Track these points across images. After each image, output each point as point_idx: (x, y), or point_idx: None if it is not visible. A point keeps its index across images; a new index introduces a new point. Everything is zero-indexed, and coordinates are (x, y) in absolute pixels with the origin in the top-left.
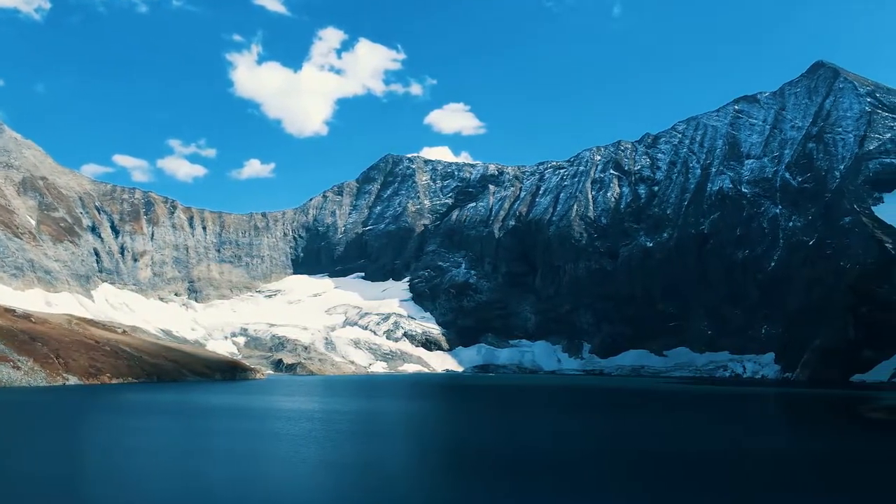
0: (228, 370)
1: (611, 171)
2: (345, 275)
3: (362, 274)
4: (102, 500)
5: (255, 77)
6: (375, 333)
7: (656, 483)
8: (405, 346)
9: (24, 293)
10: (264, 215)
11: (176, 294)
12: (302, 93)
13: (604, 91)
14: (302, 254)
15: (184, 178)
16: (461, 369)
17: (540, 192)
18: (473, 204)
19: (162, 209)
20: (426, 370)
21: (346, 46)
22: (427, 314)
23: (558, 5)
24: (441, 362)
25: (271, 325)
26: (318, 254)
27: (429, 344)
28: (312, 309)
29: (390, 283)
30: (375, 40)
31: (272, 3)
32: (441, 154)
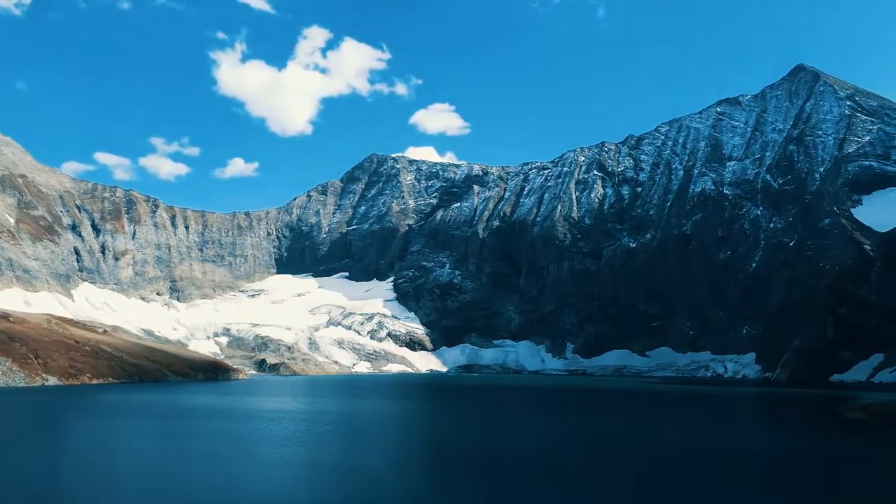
0: (211, 370)
1: (594, 172)
2: (329, 275)
3: (346, 274)
4: None
5: (239, 75)
6: (359, 333)
7: (640, 483)
8: (389, 347)
9: (3, 292)
10: (247, 214)
11: (158, 294)
12: (286, 91)
13: (588, 92)
14: (285, 253)
15: (166, 177)
16: (445, 369)
17: (524, 193)
18: (458, 204)
19: (144, 208)
20: (410, 370)
21: (331, 45)
22: (411, 314)
23: (544, 6)
24: (425, 362)
25: (254, 325)
26: (302, 253)
27: (413, 344)
28: (296, 309)
29: (374, 283)
30: (361, 40)
31: (257, 2)
32: (426, 154)
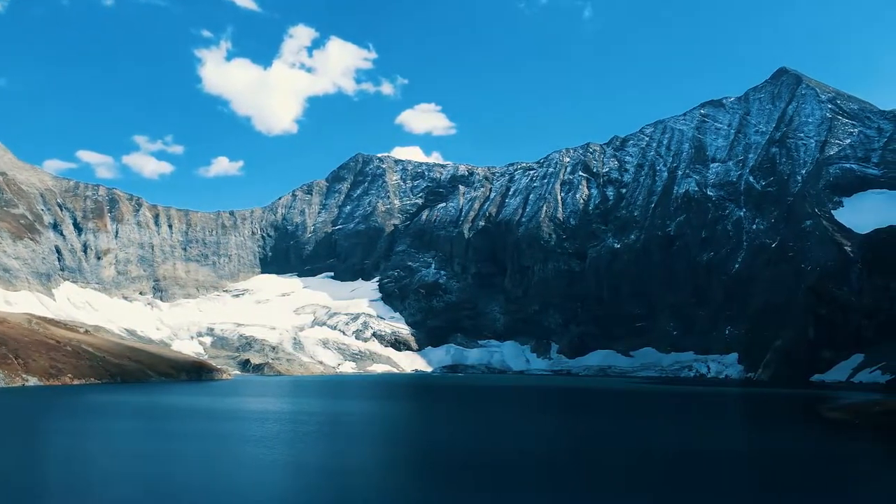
0: (194, 371)
1: (580, 173)
2: (314, 274)
3: (331, 273)
4: None
5: (225, 73)
6: (344, 333)
7: (625, 483)
8: (374, 347)
9: None
10: (232, 214)
11: (141, 293)
12: (272, 90)
13: (573, 93)
14: (270, 253)
15: (150, 175)
16: (430, 369)
17: (510, 193)
18: (443, 204)
19: (127, 206)
20: (395, 370)
21: (317, 44)
22: (396, 314)
23: (530, 7)
24: (410, 362)
25: (238, 325)
26: (287, 253)
27: (398, 344)
28: (280, 309)
29: (359, 283)
30: (347, 39)
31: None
32: (412, 154)
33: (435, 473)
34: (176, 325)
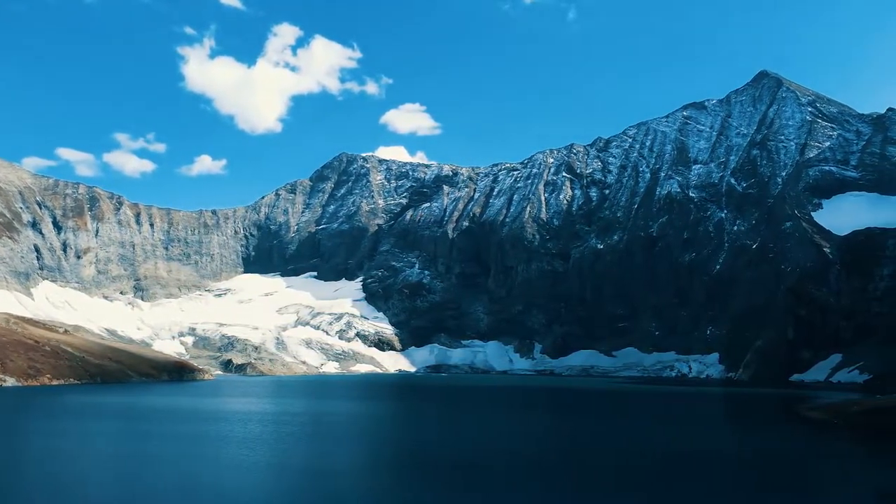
0: (175, 371)
1: (563, 174)
2: (297, 274)
3: (315, 273)
4: None
5: (208, 71)
6: (328, 333)
7: (608, 483)
8: (357, 347)
9: None
10: (214, 213)
11: (121, 292)
12: (256, 89)
13: (557, 94)
14: (253, 252)
15: (131, 174)
16: (414, 369)
17: (494, 194)
18: (427, 204)
19: (107, 205)
20: (379, 370)
21: (302, 43)
22: (380, 314)
23: (514, 8)
24: (394, 362)
25: (221, 325)
26: (270, 252)
27: (381, 344)
28: (263, 308)
29: (343, 283)
30: (331, 38)
31: None
32: (396, 154)
33: (419, 474)
34: (157, 325)
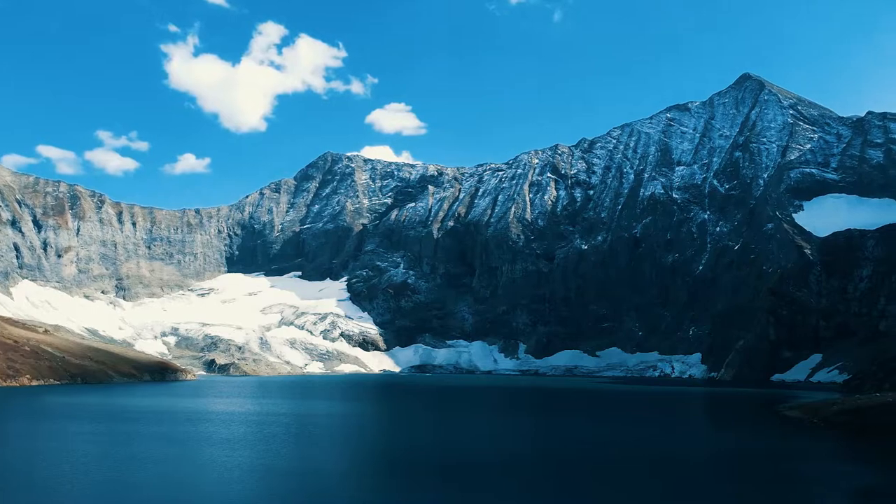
0: (157, 371)
1: (548, 175)
2: (281, 274)
3: (299, 273)
4: None
5: (191, 69)
6: (312, 333)
7: (592, 482)
8: (342, 347)
9: None
10: (198, 212)
11: (103, 292)
12: (240, 87)
13: (543, 95)
14: (237, 252)
15: (113, 172)
16: (398, 369)
17: (479, 194)
18: (413, 204)
19: (89, 203)
20: (363, 370)
21: (287, 42)
22: (364, 314)
23: (500, 9)
24: (378, 362)
25: (204, 325)
26: (254, 252)
27: (366, 344)
28: (247, 308)
29: (327, 283)
30: (316, 37)
31: None
32: (382, 153)
33: (403, 475)
34: (139, 325)
